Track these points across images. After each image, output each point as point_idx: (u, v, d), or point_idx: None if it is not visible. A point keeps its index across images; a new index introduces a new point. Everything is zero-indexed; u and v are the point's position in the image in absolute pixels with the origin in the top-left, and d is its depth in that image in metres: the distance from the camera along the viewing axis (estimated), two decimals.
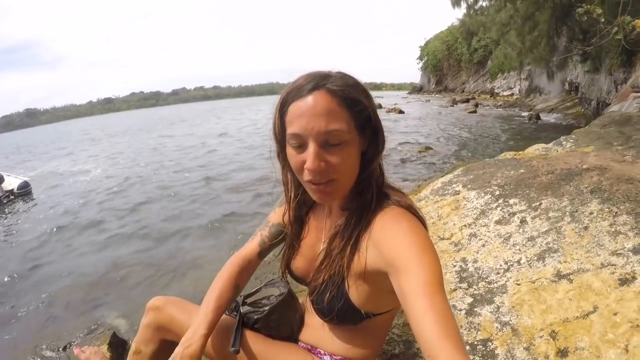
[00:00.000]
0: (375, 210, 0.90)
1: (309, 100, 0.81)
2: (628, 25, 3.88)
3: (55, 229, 6.97)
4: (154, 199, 8.45)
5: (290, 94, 0.85)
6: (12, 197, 9.88)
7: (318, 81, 0.83)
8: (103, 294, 4.21)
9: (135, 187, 9.92)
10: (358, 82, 0.87)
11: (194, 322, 1.06)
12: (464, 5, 15.27)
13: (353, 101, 0.83)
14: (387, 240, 0.82)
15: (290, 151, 0.87)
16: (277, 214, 1.18)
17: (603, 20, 4.07)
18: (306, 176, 0.85)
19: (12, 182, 10.25)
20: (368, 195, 0.91)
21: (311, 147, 0.82)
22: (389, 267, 0.79)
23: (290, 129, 0.84)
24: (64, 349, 2.89)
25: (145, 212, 7.58)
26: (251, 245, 1.21)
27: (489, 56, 34.73)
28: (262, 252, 1.21)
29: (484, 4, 14.92)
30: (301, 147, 0.84)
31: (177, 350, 1.01)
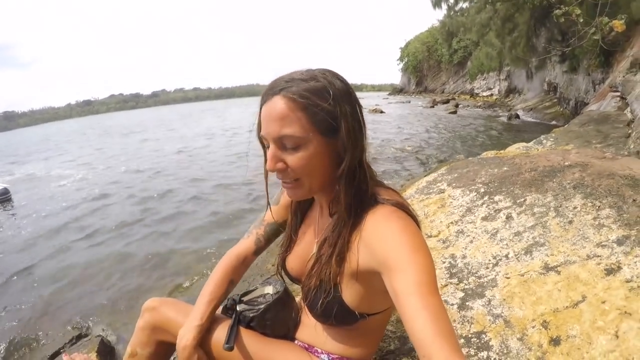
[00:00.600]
0: (366, 210, 0.89)
1: (270, 104, 0.85)
2: (606, 26, 4.00)
3: (37, 236, 6.88)
4: (137, 202, 8.41)
5: (262, 98, 0.89)
6: None
7: (279, 86, 0.85)
8: (88, 300, 4.14)
9: (119, 191, 9.84)
10: (326, 85, 0.85)
11: (190, 315, 1.10)
12: (444, 6, 15.54)
13: (312, 104, 0.83)
14: (378, 240, 0.82)
15: (265, 151, 0.92)
16: (273, 213, 1.19)
17: (582, 21, 4.19)
18: (276, 174, 0.90)
19: None
20: (349, 197, 0.89)
21: (270, 150, 0.86)
22: (381, 267, 0.79)
23: (260, 131, 0.90)
24: (52, 357, 2.82)
25: (127, 215, 7.52)
26: (246, 243, 1.24)
27: (469, 57, 35.29)
28: (257, 250, 1.24)
29: (464, 6, 15.21)
30: (268, 148, 0.88)
31: (178, 339, 1.06)
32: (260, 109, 0.88)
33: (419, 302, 0.68)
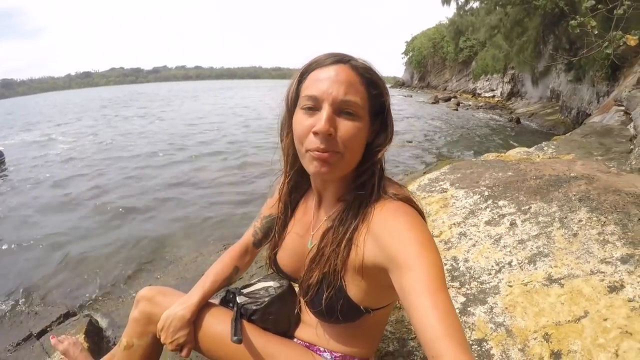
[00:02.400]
0: (373, 203, 0.89)
1: (332, 69, 0.84)
2: (619, 40, 4.01)
3: (26, 206, 6.77)
4: (132, 179, 8.29)
5: (312, 64, 0.88)
6: None
7: (342, 57, 0.86)
8: (77, 281, 4.09)
9: (113, 165, 9.71)
10: (377, 71, 0.89)
11: (190, 291, 1.12)
12: (454, 4, 15.47)
13: (373, 83, 0.86)
14: (387, 235, 0.81)
15: (299, 116, 0.87)
16: (269, 205, 1.19)
17: (596, 33, 4.20)
18: (311, 143, 0.84)
19: None
20: (368, 188, 0.90)
21: (325, 110, 0.82)
22: (390, 263, 0.78)
23: (307, 92, 0.85)
24: (38, 336, 2.77)
25: (120, 193, 7.40)
26: (246, 236, 1.26)
27: (474, 57, 35.12)
28: (256, 243, 1.25)
29: (474, 5, 15.14)
30: (313, 110, 0.84)
31: (170, 310, 1.07)
32: (307, 74, 0.88)
33: (428, 300, 0.67)
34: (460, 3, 15.18)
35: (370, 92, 0.86)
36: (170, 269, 4.03)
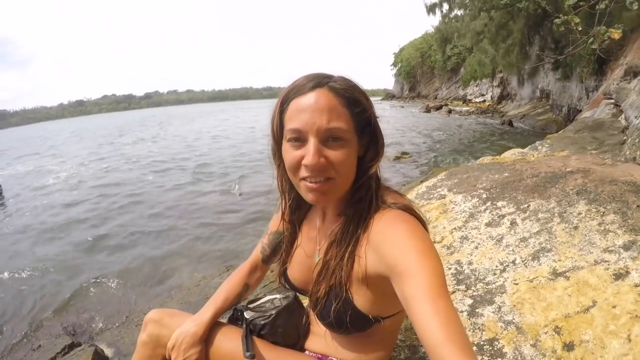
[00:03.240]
0: (373, 214, 0.89)
1: (311, 96, 0.83)
2: (604, 35, 4.09)
3: (25, 235, 6.76)
4: (131, 205, 8.30)
5: (292, 92, 0.87)
6: None
7: (320, 80, 0.85)
8: (80, 310, 4.06)
9: (109, 192, 9.72)
10: (359, 85, 0.89)
11: (202, 308, 1.11)
12: (438, 13, 15.76)
13: (355, 102, 0.86)
14: (386, 244, 0.82)
15: (286, 147, 0.88)
16: (275, 221, 1.20)
17: (580, 29, 4.28)
18: (303, 173, 0.85)
19: None
20: (366, 201, 0.91)
21: (311, 142, 0.82)
22: (390, 272, 0.79)
23: (290, 125, 0.85)
24: None
25: (120, 220, 7.40)
26: (255, 253, 1.27)
27: (462, 64, 35.62)
28: (265, 259, 1.25)
29: (458, 13, 15.43)
30: (300, 142, 0.84)
31: (182, 328, 1.06)
32: (288, 103, 0.87)
33: (430, 307, 0.68)
34: (444, 11, 15.48)
35: (353, 111, 0.85)
36: (174, 294, 4.03)
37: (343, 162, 0.84)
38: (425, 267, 0.73)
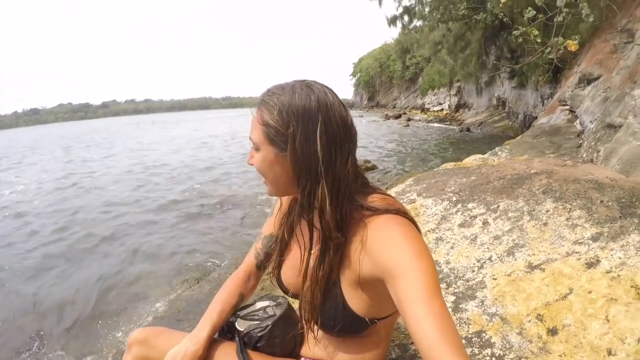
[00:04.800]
0: (364, 220, 0.89)
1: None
2: (561, 45, 4.34)
3: None
4: (101, 214, 8.02)
5: None
6: None
7: (262, 97, 0.93)
8: (44, 324, 3.87)
9: (78, 202, 9.31)
10: (280, 103, 0.88)
11: (198, 324, 1.07)
12: (399, 24, 16.19)
13: (265, 119, 0.90)
14: (379, 247, 0.83)
15: None
16: (269, 225, 1.19)
17: (539, 41, 4.54)
18: None
19: None
20: (328, 217, 0.88)
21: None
22: (384, 274, 0.80)
23: None
24: None
25: (90, 229, 7.08)
26: (248, 258, 1.23)
27: (420, 73, 36.49)
28: (259, 264, 1.22)
29: (418, 24, 15.90)
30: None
31: (180, 347, 1.02)
32: None
33: (423, 308, 0.69)
34: (404, 22, 15.93)
35: (265, 127, 0.89)
36: (144, 311, 3.87)
37: (258, 167, 0.95)
38: (419, 268, 0.75)
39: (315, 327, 1.01)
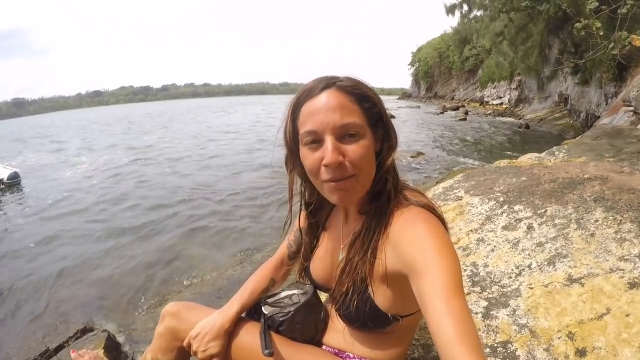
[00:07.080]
0: (393, 211, 0.90)
1: (322, 97, 0.85)
2: (625, 40, 4.02)
3: (45, 225, 6.89)
4: (150, 197, 8.36)
5: (302, 96, 0.89)
6: (2, 186, 9.90)
7: (328, 81, 0.87)
8: (93, 297, 4.16)
9: (128, 182, 9.85)
10: (365, 83, 0.90)
11: (229, 302, 1.15)
12: (458, 13, 15.56)
13: (364, 97, 0.88)
14: (405, 242, 0.83)
15: (304, 152, 0.89)
16: (302, 218, 1.21)
17: (601, 34, 4.22)
18: (324, 175, 0.86)
19: (1, 172, 10.23)
20: (385, 196, 0.92)
21: (328, 141, 0.84)
22: (408, 269, 0.79)
23: (305, 128, 0.87)
24: (55, 351, 2.79)
25: (140, 208, 7.50)
26: (281, 249, 1.30)
27: (480, 65, 35.24)
28: (291, 255, 1.27)
29: (478, 14, 15.22)
30: (317, 144, 0.86)
31: (209, 319, 1.10)
32: (300, 108, 0.89)
33: (443, 305, 0.68)
34: (464, 12, 15.27)
35: (364, 106, 0.87)
36: (187, 285, 4.08)
37: (362, 157, 0.85)
38: (442, 265, 0.74)
39: (339, 318, 1.06)
